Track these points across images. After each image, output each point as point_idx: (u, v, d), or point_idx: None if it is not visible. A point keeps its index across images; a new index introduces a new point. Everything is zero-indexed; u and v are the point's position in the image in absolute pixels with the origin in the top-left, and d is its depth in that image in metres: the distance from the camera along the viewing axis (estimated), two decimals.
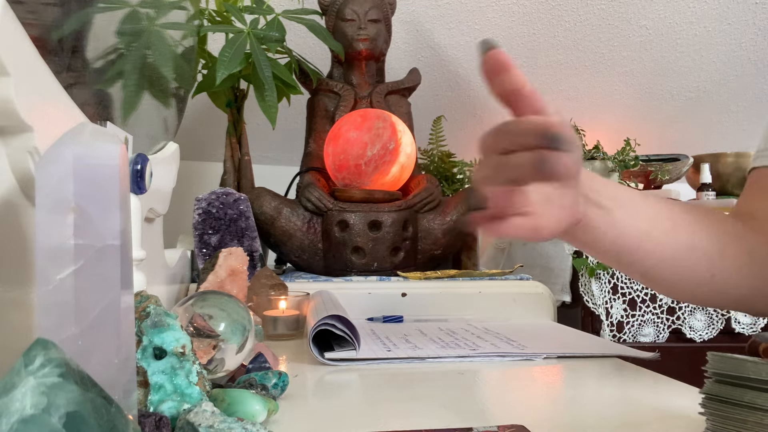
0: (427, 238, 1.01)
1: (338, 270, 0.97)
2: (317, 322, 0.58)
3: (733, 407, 0.31)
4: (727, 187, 1.57)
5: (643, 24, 1.52)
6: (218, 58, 0.93)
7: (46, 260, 0.27)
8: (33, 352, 0.22)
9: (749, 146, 1.89)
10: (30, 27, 0.37)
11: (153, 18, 0.70)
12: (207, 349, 0.41)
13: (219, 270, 0.65)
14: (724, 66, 1.65)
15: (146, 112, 0.70)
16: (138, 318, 0.35)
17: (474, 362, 0.59)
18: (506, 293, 0.90)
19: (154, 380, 0.34)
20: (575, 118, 1.52)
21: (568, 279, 1.15)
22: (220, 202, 0.87)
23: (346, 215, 0.95)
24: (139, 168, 0.50)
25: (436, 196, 1.02)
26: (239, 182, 1.13)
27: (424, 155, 1.48)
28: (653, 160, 1.44)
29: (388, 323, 0.82)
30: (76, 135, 0.29)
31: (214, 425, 0.29)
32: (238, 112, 1.14)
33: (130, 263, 0.30)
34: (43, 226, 0.27)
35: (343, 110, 1.09)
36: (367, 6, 1.09)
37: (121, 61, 0.60)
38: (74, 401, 0.21)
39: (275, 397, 0.42)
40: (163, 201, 0.76)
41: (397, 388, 0.49)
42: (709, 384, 0.32)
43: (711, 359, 0.32)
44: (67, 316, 0.27)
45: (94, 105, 0.53)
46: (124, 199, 0.29)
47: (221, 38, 1.07)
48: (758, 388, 0.30)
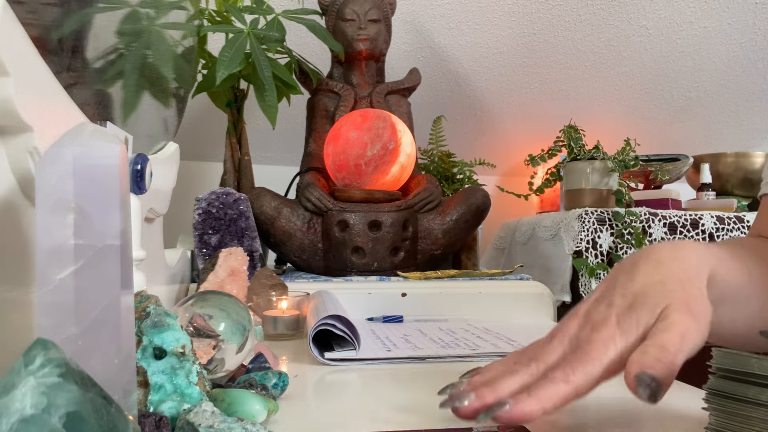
0: (427, 238, 1.01)
1: (338, 270, 0.97)
2: (317, 322, 0.58)
3: (737, 403, 0.31)
4: (727, 187, 1.57)
5: (643, 24, 1.52)
6: (218, 58, 0.93)
7: (46, 260, 0.27)
8: (33, 352, 0.22)
9: (749, 146, 1.90)
10: (30, 27, 0.37)
11: (153, 18, 0.70)
12: (207, 349, 0.41)
13: (219, 270, 0.65)
14: (724, 66, 1.65)
15: (146, 112, 0.70)
16: (138, 318, 0.35)
17: (474, 362, 0.59)
18: (506, 293, 0.90)
19: (154, 380, 0.34)
20: (575, 118, 1.53)
21: (568, 279, 1.15)
22: (220, 202, 0.87)
23: (346, 215, 0.95)
24: (139, 168, 0.50)
25: (436, 196, 1.02)
26: (239, 182, 1.13)
27: (424, 155, 1.48)
28: (653, 160, 1.44)
29: (388, 323, 0.82)
30: (76, 135, 0.29)
31: (214, 425, 0.29)
32: (238, 112, 1.14)
33: (130, 263, 0.30)
34: (43, 226, 0.27)
35: (343, 110, 1.09)
36: (367, 6, 1.09)
37: (121, 61, 0.60)
38: (74, 401, 0.21)
39: (275, 397, 0.42)
40: (163, 201, 0.76)
41: (397, 388, 0.49)
42: (713, 380, 0.32)
43: (715, 355, 0.32)
44: (67, 316, 0.27)
45: (94, 105, 0.53)
46: (124, 199, 0.29)
47: (221, 38, 1.07)
48: (763, 384, 0.30)
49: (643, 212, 1.17)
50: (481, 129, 1.73)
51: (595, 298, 0.39)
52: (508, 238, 1.46)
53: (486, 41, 1.49)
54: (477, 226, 1.05)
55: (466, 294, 0.89)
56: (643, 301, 0.36)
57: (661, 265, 0.38)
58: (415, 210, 1.00)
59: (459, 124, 1.69)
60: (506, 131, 1.74)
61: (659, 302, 0.35)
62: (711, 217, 1.19)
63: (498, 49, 1.51)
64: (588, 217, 1.14)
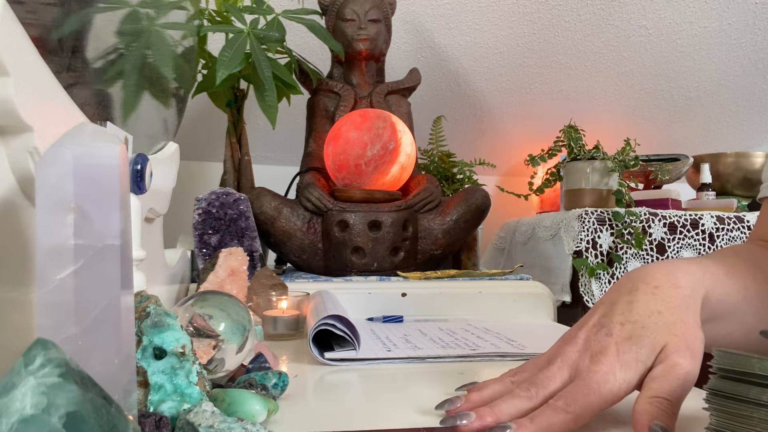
0: (427, 238, 1.01)
1: (338, 270, 0.97)
2: (317, 322, 0.58)
3: (738, 403, 0.31)
4: (727, 187, 1.57)
5: (643, 24, 1.52)
6: (218, 58, 0.93)
7: (46, 260, 0.27)
8: (33, 352, 0.22)
9: (749, 146, 1.90)
10: (30, 27, 0.37)
11: (153, 18, 0.70)
12: (207, 349, 0.41)
13: (219, 270, 0.65)
14: (724, 66, 1.65)
15: (146, 112, 0.70)
16: (138, 318, 0.35)
17: (474, 362, 0.59)
18: (506, 293, 0.90)
19: (154, 380, 0.34)
20: (575, 118, 1.53)
21: (568, 279, 1.15)
22: (220, 202, 0.87)
23: (346, 215, 0.95)
24: (139, 168, 0.50)
25: (436, 196, 1.02)
26: (239, 182, 1.13)
27: (424, 155, 1.48)
28: (653, 160, 1.44)
29: (388, 323, 0.82)
30: (76, 135, 0.29)
31: (214, 425, 0.29)
32: (238, 112, 1.14)
33: (130, 263, 0.30)
34: (43, 226, 0.27)
35: (343, 110, 1.09)
36: (367, 6, 1.09)
37: (121, 61, 0.60)
38: (74, 401, 0.21)
39: (275, 397, 0.42)
40: (163, 201, 0.76)
41: (397, 388, 0.49)
42: (714, 380, 0.32)
43: (716, 355, 0.32)
44: (67, 316, 0.27)
45: (94, 105, 0.53)
46: (124, 199, 0.29)
47: (221, 38, 1.07)
48: (764, 384, 0.30)
49: (643, 212, 1.17)
50: (481, 129, 1.73)
51: (593, 324, 0.41)
52: (508, 238, 1.46)
53: (486, 41, 1.49)
54: (477, 226, 1.05)
55: (466, 294, 0.89)
56: (642, 334, 0.38)
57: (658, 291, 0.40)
58: (415, 210, 1.00)
59: (459, 124, 1.69)
60: (506, 131, 1.74)
61: (659, 339, 0.37)
62: (711, 217, 1.19)
63: (498, 49, 1.51)
64: (588, 217, 1.14)
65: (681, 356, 0.36)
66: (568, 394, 0.36)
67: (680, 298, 0.40)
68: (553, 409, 0.35)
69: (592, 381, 0.36)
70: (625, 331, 0.38)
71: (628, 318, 0.39)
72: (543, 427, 0.35)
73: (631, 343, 0.38)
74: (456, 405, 0.39)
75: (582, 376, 0.37)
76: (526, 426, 0.35)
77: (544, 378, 0.39)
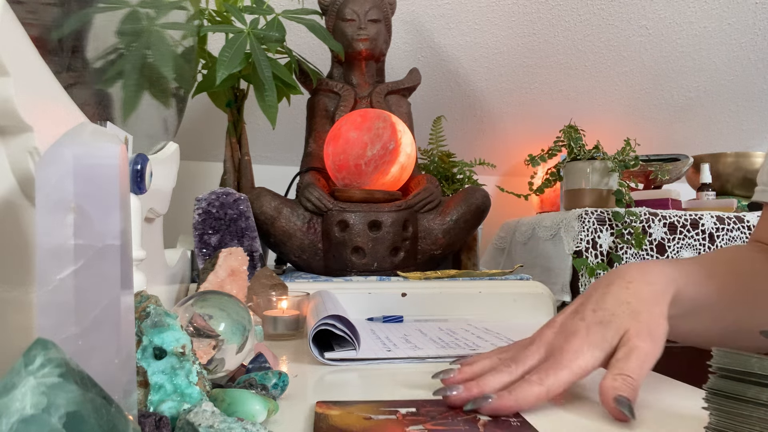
0: (427, 238, 1.01)
1: (338, 270, 0.97)
2: (317, 322, 0.58)
3: (738, 403, 0.31)
4: (727, 187, 1.57)
5: (643, 24, 1.52)
6: (218, 58, 0.93)
7: (46, 260, 0.27)
8: (33, 352, 0.22)
9: (749, 146, 1.90)
10: (30, 27, 0.37)
11: (153, 18, 0.70)
12: (207, 349, 0.41)
13: (219, 270, 0.65)
14: (724, 66, 1.65)
15: (146, 112, 0.70)
16: (138, 318, 0.35)
17: None
18: (506, 293, 0.90)
19: (154, 380, 0.34)
20: (575, 118, 1.53)
21: (568, 279, 1.15)
22: (220, 202, 0.87)
23: (346, 215, 0.95)
24: (139, 168, 0.50)
25: (436, 196, 1.02)
26: (239, 182, 1.13)
27: (424, 155, 1.48)
28: (653, 160, 1.44)
29: (388, 323, 0.82)
30: (76, 135, 0.29)
31: (214, 425, 0.29)
32: (238, 112, 1.14)
33: (130, 263, 0.30)
34: (43, 226, 0.27)
35: (343, 110, 1.09)
36: (367, 6, 1.09)
37: (121, 61, 0.60)
38: (74, 401, 0.21)
39: (275, 397, 0.42)
40: (163, 201, 0.76)
41: (397, 388, 0.49)
42: (713, 379, 0.32)
43: (716, 354, 0.32)
44: (67, 316, 0.27)
45: (94, 105, 0.53)
46: (124, 199, 0.29)
47: (221, 38, 1.07)
48: (763, 383, 0.30)
49: (643, 212, 1.17)
50: (481, 129, 1.73)
51: (571, 311, 0.46)
52: (508, 238, 1.46)
53: (486, 41, 1.49)
54: (477, 226, 1.05)
55: (466, 294, 0.89)
56: (610, 320, 0.43)
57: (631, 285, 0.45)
58: (415, 210, 1.00)
59: (459, 124, 1.69)
60: (506, 131, 1.74)
61: (624, 324, 0.42)
62: (711, 217, 1.19)
63: (498, 49, 1.51)
64: (588, 217, 1.14)
65: (641, 340, 0.41)
66: (541, 370, 0.41)
67: (650, 293, 0.45)
68: (528, 382, 0.40)
69: (563, 358, 0.41)
70: (597, 317, 0.44)
71: (600, 306, 0.44)
72: (519, 398, 0.39)
73: (600, 327, 0.43)
74: (449, 376, 0.44)
75: (555, 354, 0.42)
76: (505, 397, 0.39)
77: (524, 356, 0.44)
